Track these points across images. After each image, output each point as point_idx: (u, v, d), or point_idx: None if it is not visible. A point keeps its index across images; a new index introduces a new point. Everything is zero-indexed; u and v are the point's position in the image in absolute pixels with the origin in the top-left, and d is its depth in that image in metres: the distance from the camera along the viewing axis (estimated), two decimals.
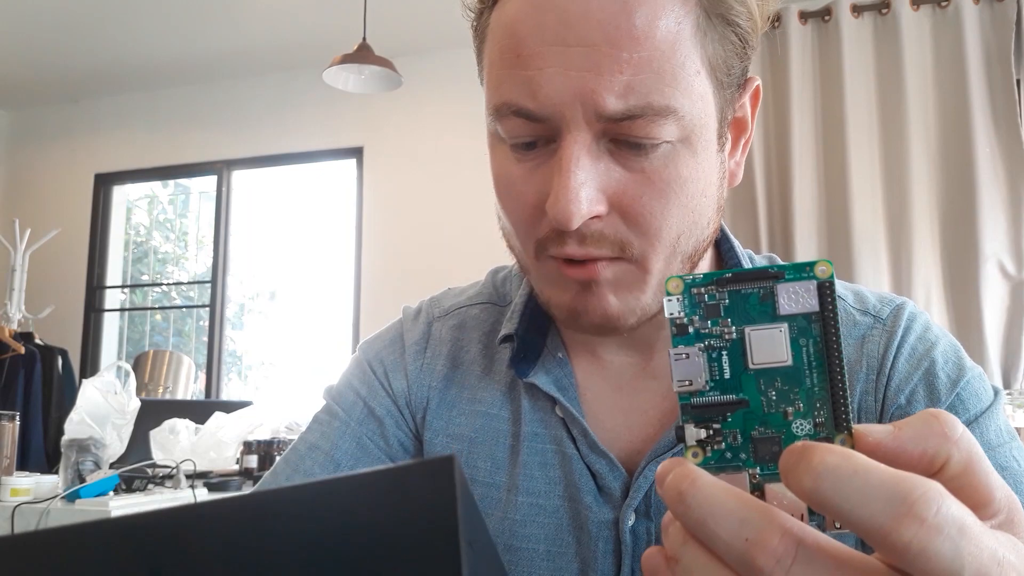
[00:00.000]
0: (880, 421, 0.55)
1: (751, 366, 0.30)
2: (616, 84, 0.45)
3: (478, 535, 0.25)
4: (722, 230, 0.62)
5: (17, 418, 2.26)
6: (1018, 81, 3.07)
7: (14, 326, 3.86)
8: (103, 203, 4.80)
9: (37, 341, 3.97)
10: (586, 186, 0.47)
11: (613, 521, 0.56)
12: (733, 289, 0.30)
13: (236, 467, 2.49)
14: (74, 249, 4.68)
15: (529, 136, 0.50)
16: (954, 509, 0.23)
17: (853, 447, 0.27)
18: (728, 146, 0.54)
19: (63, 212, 4.68)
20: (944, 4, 3.13)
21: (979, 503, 0.26)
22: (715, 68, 0.49)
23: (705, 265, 0.61)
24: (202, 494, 2.17)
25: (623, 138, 0.48)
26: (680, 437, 0.30)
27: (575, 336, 0.62)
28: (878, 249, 3.12)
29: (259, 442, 2.52)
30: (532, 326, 0.61)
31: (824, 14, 3.28)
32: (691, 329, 0.30)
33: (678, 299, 0.30)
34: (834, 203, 3.20)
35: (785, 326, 0.29)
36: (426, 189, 4.10)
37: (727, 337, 0.30)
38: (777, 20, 3.24)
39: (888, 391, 0.56)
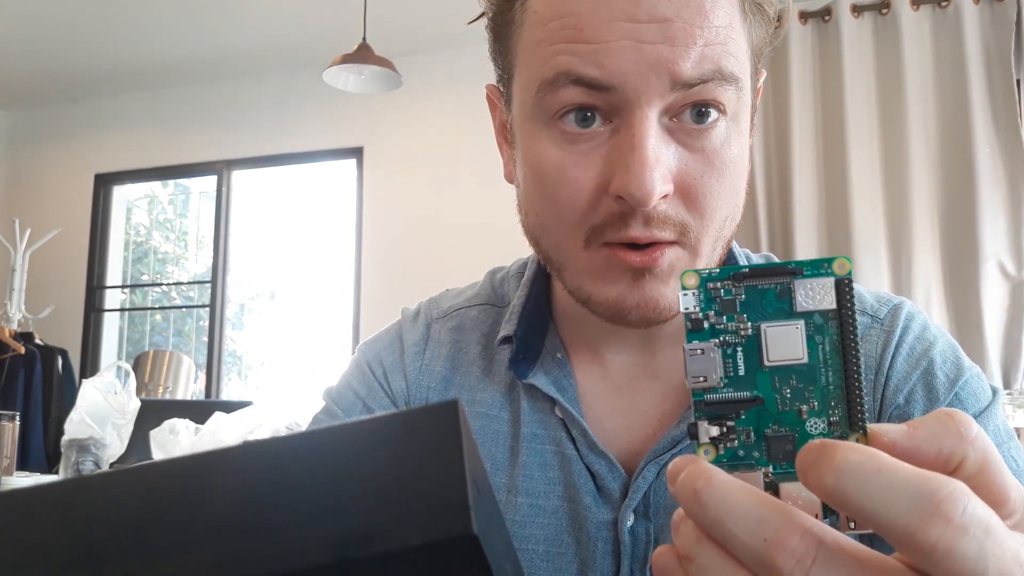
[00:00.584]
0: (878, 421, 0.55)
1: (766, 363, 0.29)
2: (692, 53, 0.46)
3: (481, 477, 0.25)
4: None
5: (17, 418, 2.26)
6: (1018, 81, 3.06)
7: (14, 326, 3.85)
8: (103, 203, 4.80)
9: (37, 341, 3.97)
10: (660, 162, 0.47)
11: (612, 521, 0.56)
12: (749, 284, 0.29)
13: None
14: (74, 249, 4.67)
15: (587, 105, 0.48)
16: (980, 509, 0.23)
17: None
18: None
19: (63, 212, 4.68)
20: (944, 4, 3.12)
21: (995, 503, 0.25)
22: (754, 52, 0.51)
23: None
24: None
25: (691, 104, 0.48)
26: (693, 434, 0.29)
27: (575, 336, 0.61)
28: (878, 249, 3.12)
29: None
30: (531, 327, 0.61)
31: (824, 14, 3.27)
32: (706, 324, 0.30)
33: (693, 293, 0.30)
34: (834, 203, 3.19)
35: (801, 323, 0.29)
36: (426, 189, 4.10)
37: (742, 333, 0.29)
38: (777, 20, 3.25)
39: (887, 391, 0.55)
